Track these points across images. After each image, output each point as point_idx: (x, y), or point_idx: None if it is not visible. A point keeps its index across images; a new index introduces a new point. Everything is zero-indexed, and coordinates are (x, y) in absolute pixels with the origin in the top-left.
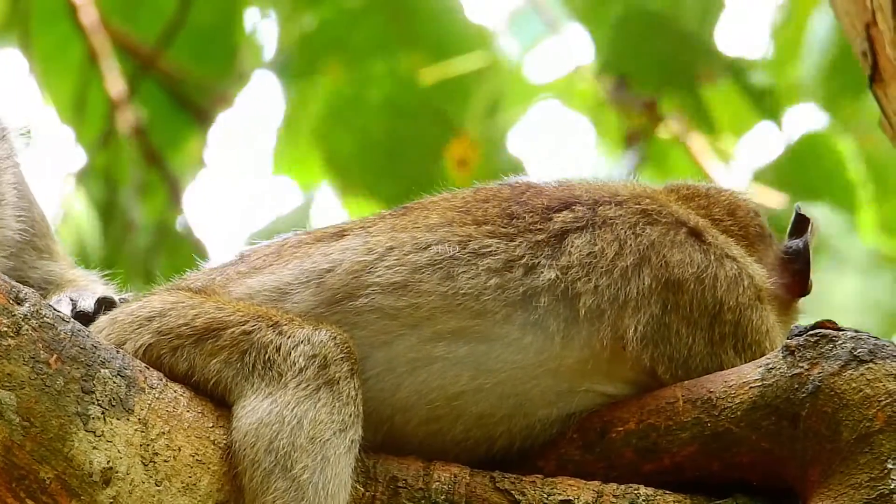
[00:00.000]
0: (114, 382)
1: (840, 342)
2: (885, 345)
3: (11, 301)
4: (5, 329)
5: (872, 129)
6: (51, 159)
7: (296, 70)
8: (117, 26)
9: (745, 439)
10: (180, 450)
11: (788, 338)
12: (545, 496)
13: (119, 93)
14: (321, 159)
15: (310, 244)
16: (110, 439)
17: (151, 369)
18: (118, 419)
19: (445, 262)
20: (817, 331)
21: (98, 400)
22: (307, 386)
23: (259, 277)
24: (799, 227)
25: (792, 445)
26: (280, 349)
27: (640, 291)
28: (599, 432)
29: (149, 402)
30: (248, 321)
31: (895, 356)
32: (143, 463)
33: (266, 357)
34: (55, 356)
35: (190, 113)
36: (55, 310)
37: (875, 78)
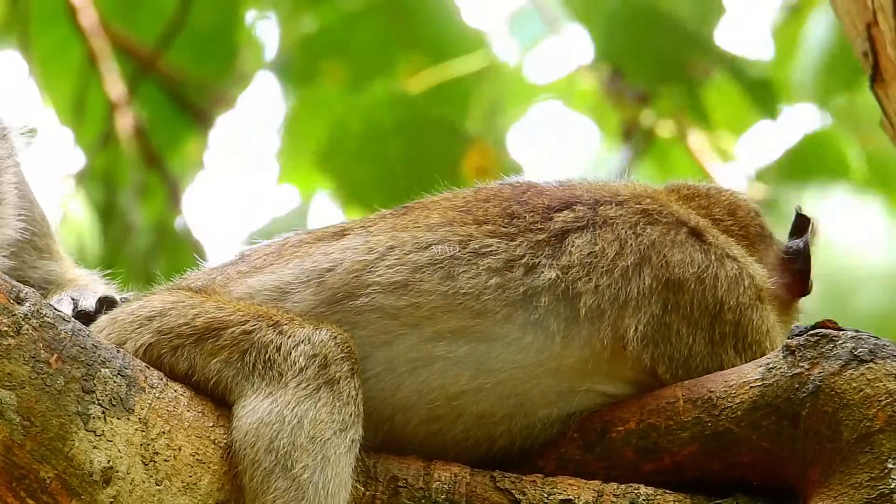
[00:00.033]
0: (114, 382)
1: (840, 342)
2: (886, 344)
3: (12, 300)
4: (6, 328)
5: (873, 129)
6: (50, 161)
7: (296, 74)
8: (117, 28)
9: (746, 439)
10: (181, 449)
11: (789, 337)
12: (545, 496)
13: (118, 94)
14: (335, 189)
15: (310, 243)
16: (111, 439)
17: (152, 369)
18: (118, 419)
19: (446, 262)
20: (818, 330)
21: (98, 399)
22: (308, 385)
23: (260, 277)
24: (799, 228)
25: (792, 445)
26: (280, 349)
27: (641, 291)
28: (600, 432)
29: (149, 402)
30: (249, 321)
31: (895, 356)
32: (144, 462)
33: (266, 357)
34: (56, 355)
35: (190, 114)
36: (56, 309)
37: (876, 78)
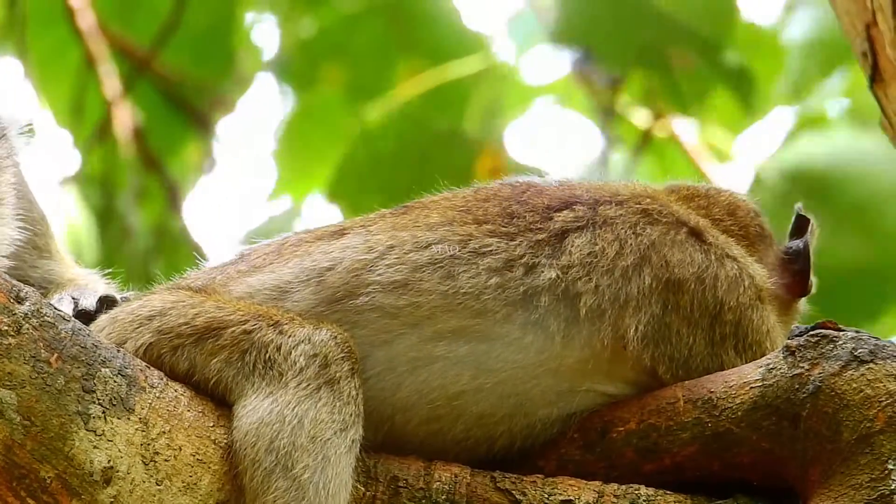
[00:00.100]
0: (114, 381)
1: (841, 342)
2: (886, 345)
3: (12, 300)
4: (6, 328)
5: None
6: (48, 163)
7: (295, 76)
8: (115, 30)
9: (746, 439)
10: (181, 449)
11: (789, 338)
12: (546, 496)
13: (116, 96)
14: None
15: (310, 243)
16: (111, 438)
17: (152, 368)
18: (119, 418)
19: (446, 261)
20: (818, 331)
21: (99, 399)
22: (308, 385)
23: (259, 276)
24: (799, 228)
25: (792, 446)
26: (281, 348)
27: (641, 291)
28: (600, 432)
29: (149, 402)
30: (249, 320)
31: (895, 356)
32: (144, 462)
33: (267, 356)
34: (56, 355)
35: (189, 116)
36: (56, 309)
37: (875, 78)
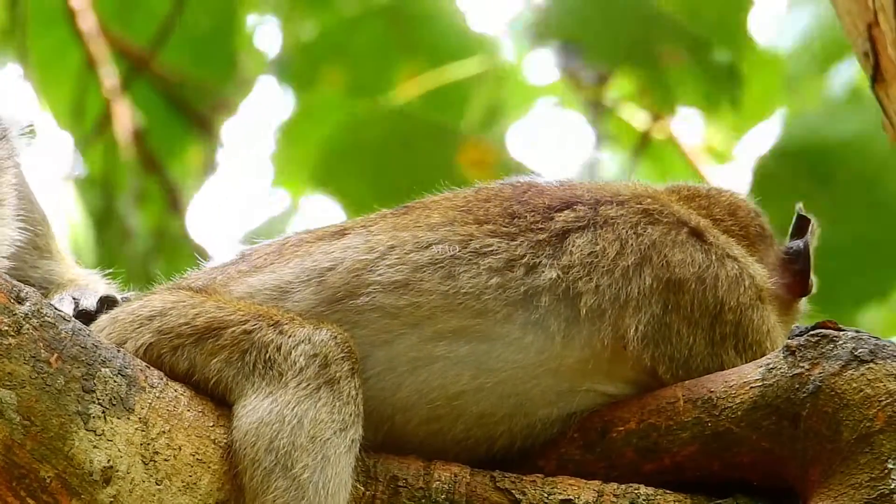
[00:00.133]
0: (114, 381)
1: (841, 342)
2: (886, 345)
3: (12, 300)
4: (6, 328)
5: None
6: (48, 165)
7: (295, 78)
8: (115, 31)
9: (746, 439)
10: (181, 449)
11: (789, 338)
12: (546, 496)
13: (117, 98)
14: (333, 200)
15: (311, 243)
16: (111, 438)
17: (152, 368)
18: (119, 418)
19: (447, 262)
20: (818, 331)
21: (99, 399)
22: (308, 385)
23: (260, 276)
24: (800, 228)
25: (792, 445)
26: (281, 348)
27: (641, 291)
28: (600, 432)
29: (149, 402)
30: (249, 320)
31: (895, 356)
32: (144, 462)
33: (267, 356)
34: (56, 355)
35: (191, 119)
36: (56, 309)
37: (876, 78)
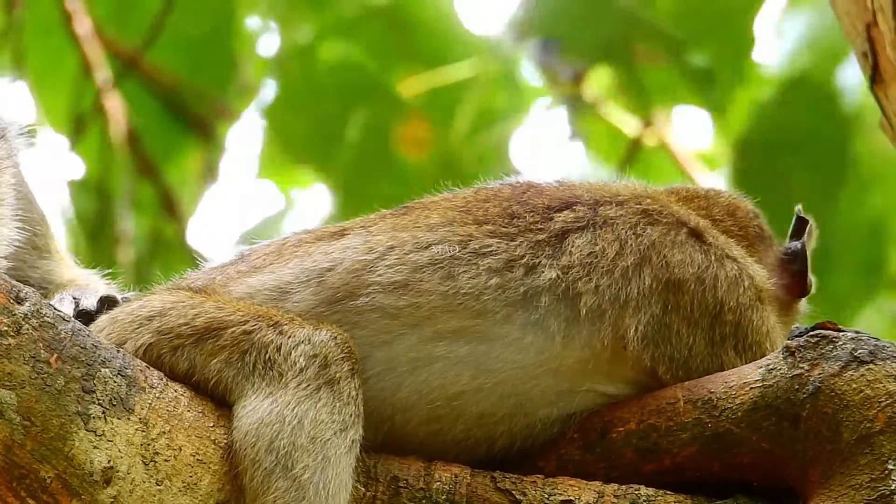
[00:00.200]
0: (114, 382)
1: (840, 343)
2: (886, 346)
3: (12, 300)
4: (6, 328)
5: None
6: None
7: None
8: (111, 34)
9: (746, 440)
10: (181, 449)
11: (789, 338)
12: (546, 496)
13: (113, 102)
14: (275, 139)
15: (310, 243)
16: (111, 439)
17: (152, 369)
18: (119, 418)
19: (446, 262)
20: (818, 332)
21: (99, 399)
22: (308, 386)
23: (259, 276)
24: (799, 229)
25: (792, 446)
26: (281, 349)
27: (641, 291)
28: (600, 432)
29: (149, 402)
30: (249, 321)
31: (895, 357)
32: (144, 462)
33: (267, 357)
34: (56, 355)
35: (188, 123)
36: (56, 309)
37: (875, 79)
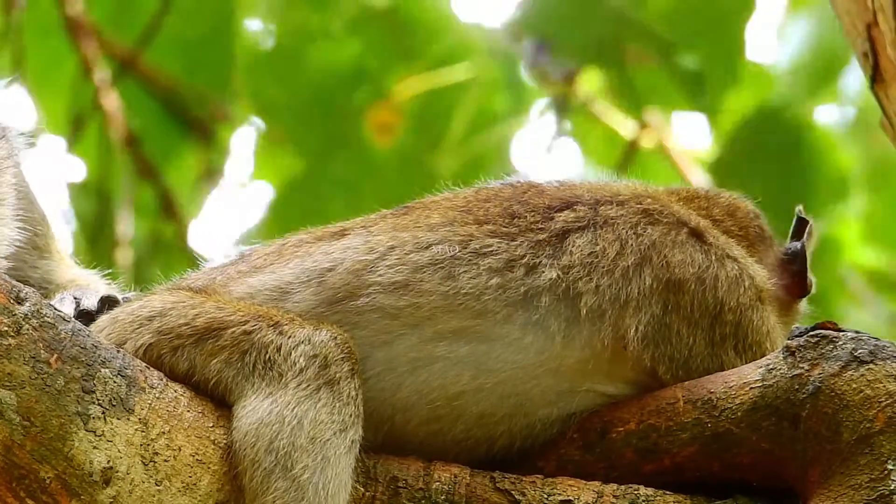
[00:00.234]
0: (114, 382)
1: (840, 343)
2: (886, 345)
3: (12, 300)
4: (6, 328)
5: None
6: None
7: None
8: (111, 36)
9: (746, 440)
10: (180, 449)
11: (789, 338)
12: (545, 496)
13: (112, 103)
14: (252, 106)
15: (311, 243)
16: (110, 439)
17: (152, 369)
18: (118, 419)
19: (447, 262)
20: (818, 332)
21: (98, 399)
22: (307, 386)
23: (260, 277)
24: (799, 230)
25: (792, 446)
26: (281, 349)
27: (641, 291)
28: (600, 432)
29: (149, 402)
30: (249, 321)
31: (895, 357)
32: (144, 462)
33: (266, 357)
34: (56, 356)
35: (187, 126)
36: (56, 309)
37: (876, 78)
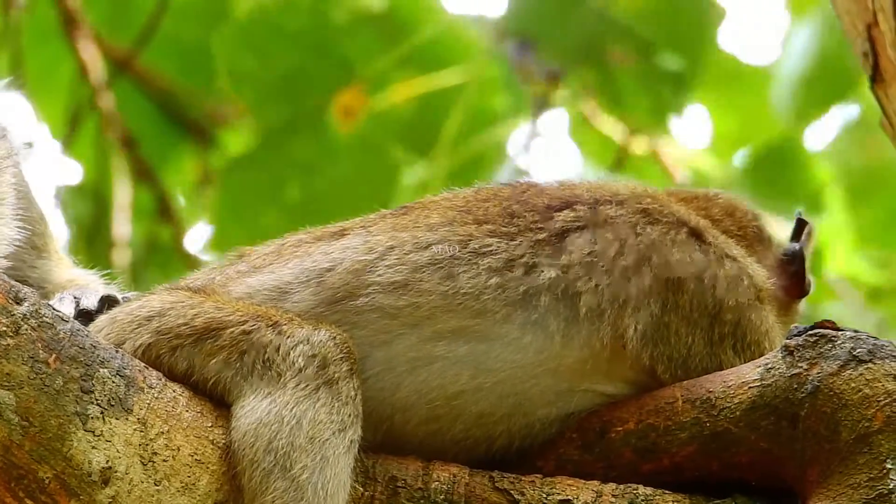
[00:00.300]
0: (113, 382)
1: (839, 342)
2: (885, 345)
3: (10, 300)
4: (4, 328)
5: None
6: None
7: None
8: (108, 39)
9: (744, 439)
10: (179, 449)
11: (787, 338)
12: (544, 496)
13: (110, 106)
14: (219, 71)
15: (310, 243)
16: (109, 439)
17: (150, 369)
18: (117, 419)
19: (446, 262)
20: (816, 331)
21: (97, 399)
22: (306, 386)
23: (259, 277)
24: (798, 231)
25: (791, 445)
26: (279, 349)
27: (641, 291)
28: (598, 432)
29: (148, 402)
30: (248, 321)
31: (894, 356)
32: (142, 462)
33: (265, 357)
34: (54, 356)
35: (184, 128)
36: (54, 309)
37: (876, 78)
